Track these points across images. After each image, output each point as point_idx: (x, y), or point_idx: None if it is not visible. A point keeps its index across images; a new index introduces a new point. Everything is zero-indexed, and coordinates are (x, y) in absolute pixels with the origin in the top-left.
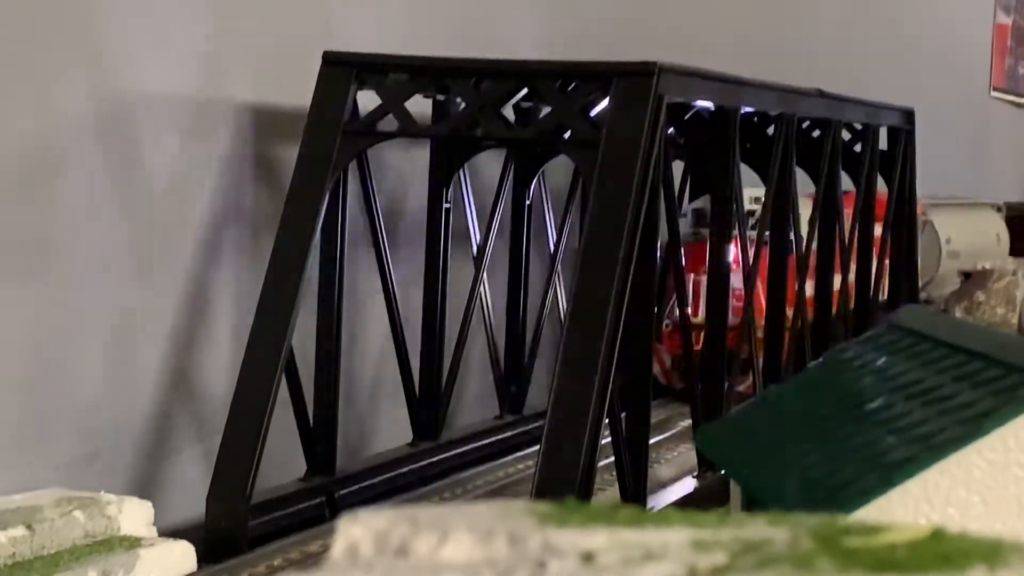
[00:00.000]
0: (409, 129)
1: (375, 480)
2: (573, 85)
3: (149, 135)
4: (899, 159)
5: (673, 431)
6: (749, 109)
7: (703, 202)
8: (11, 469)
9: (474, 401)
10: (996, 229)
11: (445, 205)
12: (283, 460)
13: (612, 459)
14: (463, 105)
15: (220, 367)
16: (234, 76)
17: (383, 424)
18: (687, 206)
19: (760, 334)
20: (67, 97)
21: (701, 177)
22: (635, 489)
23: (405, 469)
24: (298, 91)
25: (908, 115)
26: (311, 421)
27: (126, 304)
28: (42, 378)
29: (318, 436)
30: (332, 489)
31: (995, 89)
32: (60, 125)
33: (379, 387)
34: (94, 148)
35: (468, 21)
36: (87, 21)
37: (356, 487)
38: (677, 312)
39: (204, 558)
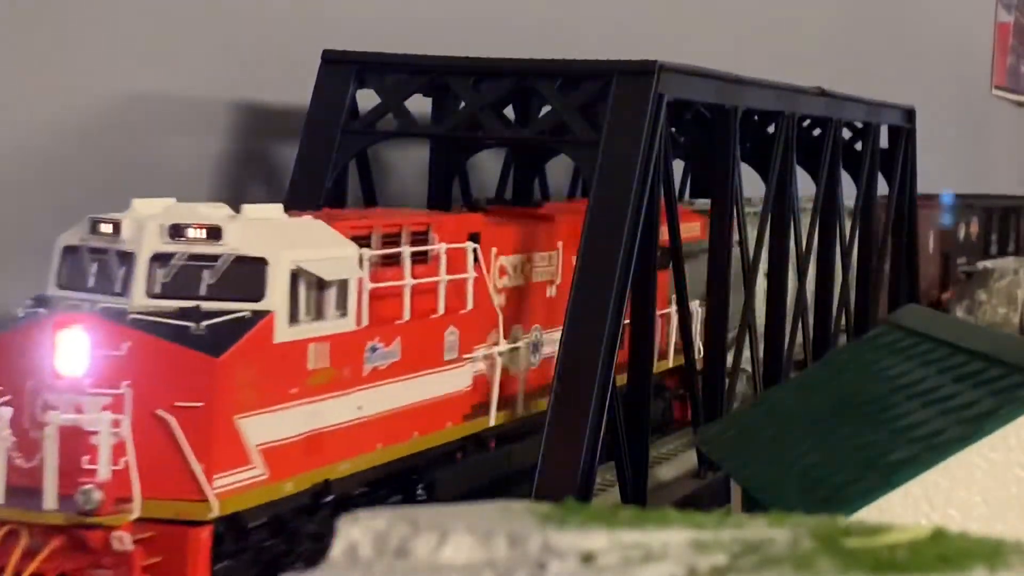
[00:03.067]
0: (409, 129)
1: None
2: (573, 84)
3: (148, 134)
4: (900, 157)
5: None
6: (750, 107)
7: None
8: None
9: None
10: None
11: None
12: None
13: (612, 459)
14: (463, 104)
15: None
16: (233, 75)
17: None
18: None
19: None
20: (66, 97)
21: (701, 176)
22: (635, 489)
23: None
24: (298, 90)
25: (909, 113)
26: None
27: None
28: None
29: None
30: None
31: (997, 88)
32: (58, 125)
33: None
34: (93, 148)
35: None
36: (86, 22)
37: None
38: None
39: None
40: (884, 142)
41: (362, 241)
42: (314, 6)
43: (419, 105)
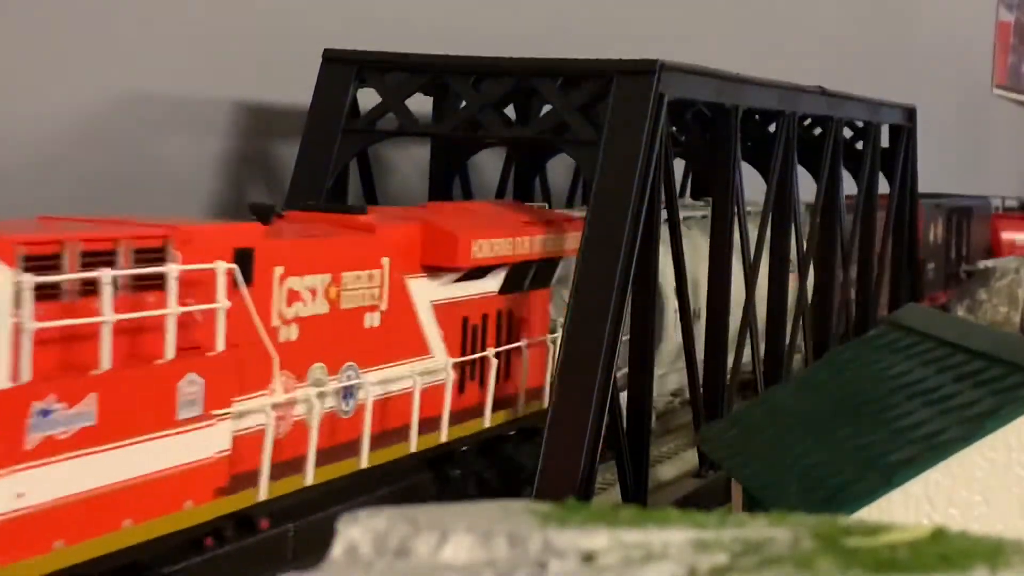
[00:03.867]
0: (409, 128)
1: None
2: (573, 84)
3: (148, 134)
4: (900, 157)
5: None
6: (751, 106)
7: None
8: None
9: None
10: None
11: None
12: None
13: (613, 459)
14: (463, 104)
15: None
16: (233, 74)
17: None
18: None
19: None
20: (67, 96)
21: (702, 175)
22: (635, 489)
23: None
24: (298, 90)
25: (910, 113)
26: None
27: None
28: None
29: None
30: None
31: (997, 87)
32: (59, 123)
33: None
34: (93, 147)
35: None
36: (86, 21)
37: None
38: None
39: None
40: (885, 141)
41: (45, 262)
42: (314, 5)
43: (420, 104)
